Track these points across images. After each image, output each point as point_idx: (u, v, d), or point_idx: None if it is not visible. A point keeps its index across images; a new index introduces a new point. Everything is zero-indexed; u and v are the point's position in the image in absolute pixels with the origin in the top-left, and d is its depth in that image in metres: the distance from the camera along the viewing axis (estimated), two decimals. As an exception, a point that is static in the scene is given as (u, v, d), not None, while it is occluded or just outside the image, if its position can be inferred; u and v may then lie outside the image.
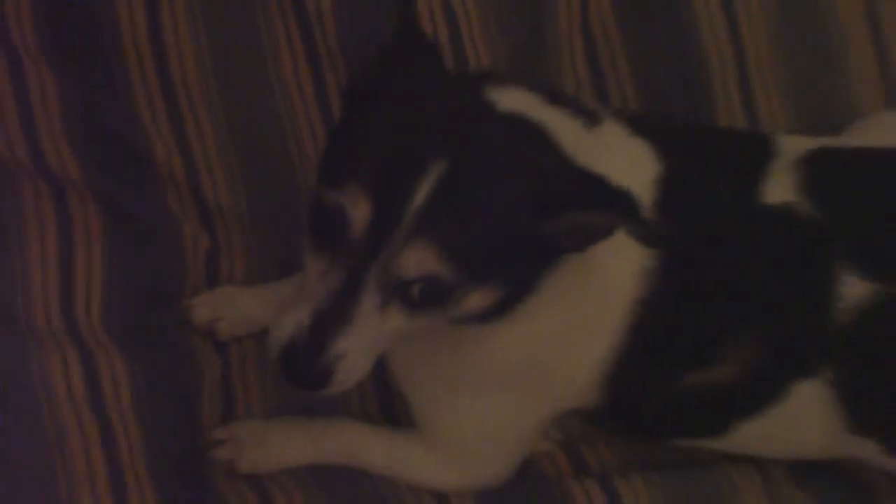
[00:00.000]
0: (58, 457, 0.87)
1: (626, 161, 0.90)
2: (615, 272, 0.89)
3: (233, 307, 1.07)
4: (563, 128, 0.86)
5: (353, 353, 0.79)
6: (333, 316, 0.77)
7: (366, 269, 0.76)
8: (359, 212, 0.75)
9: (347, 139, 0.82)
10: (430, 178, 0.75)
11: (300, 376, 0.79)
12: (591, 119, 0.90)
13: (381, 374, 1.05)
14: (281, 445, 1.00)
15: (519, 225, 0.79)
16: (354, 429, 1.03)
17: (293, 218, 0.96)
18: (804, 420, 0.99)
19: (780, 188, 0.93)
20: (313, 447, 1.01)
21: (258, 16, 1.10)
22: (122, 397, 0.94)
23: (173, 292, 1.06)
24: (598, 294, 0.90)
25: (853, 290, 0.91)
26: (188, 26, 1.08)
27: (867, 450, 1.01)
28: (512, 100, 0.86)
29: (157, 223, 1.06)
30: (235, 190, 1.10)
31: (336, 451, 1.01)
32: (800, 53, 1.21)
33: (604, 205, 0.78)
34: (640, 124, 0.94)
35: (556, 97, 0.89)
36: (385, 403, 1.07)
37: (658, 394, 0.97)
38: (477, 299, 0.82)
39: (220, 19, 1.09)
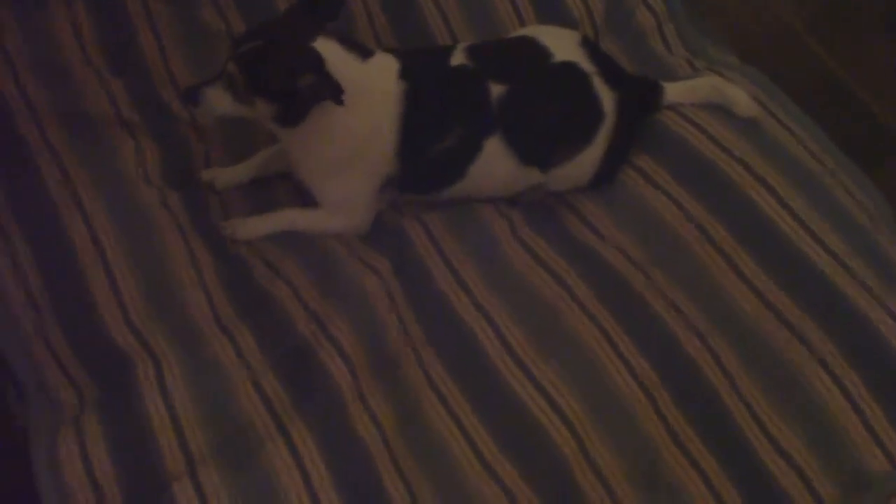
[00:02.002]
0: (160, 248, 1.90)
1: (382, 65, 1.88)
2: (389, 102, 1.87)
3: (220, 174, 2.09)
4: (340, 58, 1.78)
5: (208, 99, 1.79)
6: (206, 83, 1.79)
7: (220, 71, 1.78)
8: (225, 53, 1.79)
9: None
10: (249, 45, 1.74)
11: (183, 97, 1.85)
12: (365, 52, 1.88)
13: (301, 191, 2.09)
14: (255, 224, 1.96)
15: (282, 77, 1.74)
16: (290, 211, 2.00)
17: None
18: (498, 161, 1.94)
19: (458, 59, 1.96)
20: (272, 223, 1.97)
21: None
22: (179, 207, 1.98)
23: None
24: (384, 112, 1.88)
25: (496, 89, 1.91)
26: None
27: (536, 175, 2.01)
28: (321, 44, 1.78)
29: None
30: None
31: (283, 223, 1.97)
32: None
33: (321, 80, 1.72)
34: (393, 51, 1.96)
35: (354, 47, 1.85)
36: (303, 199, 2.04)
37: (423, 160, 1.94)
38: (262, 107, 1.78)
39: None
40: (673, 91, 2.13)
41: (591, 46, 2.06)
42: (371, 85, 1.85)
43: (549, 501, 1.67)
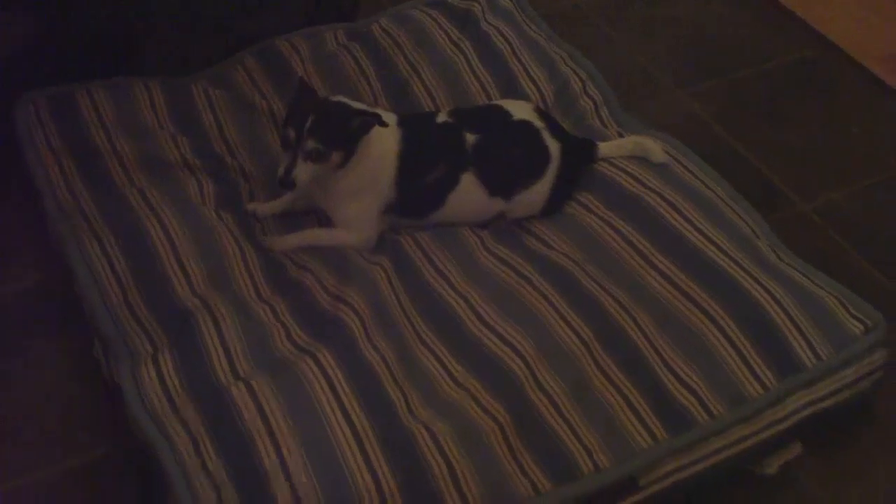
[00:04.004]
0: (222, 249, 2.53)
1: (385, 115, 2.56)
2: (390, 143, 2.59)
3: (260, 206, 2.74)
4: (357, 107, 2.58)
5: (299, 174, 2.38)
6: (290, 165, 2.43)
7: (297, 151, 2.43)
8: (290, 133, 2.45)
9: (286, 113, 2.56)
10: (310, 119, 2.40)
11: (283, 185, 2.46)
12: (369, 106, 2.66)
13: (320, 219, 2.74)
14: (288, 239, 2.59)
15: (343, 128, 2.43)
16: (314, 230, 2.63)
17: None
18: (472, 193, 2.60)
19: (442, 118, 2.68)
20: (300, 238, 2.59)
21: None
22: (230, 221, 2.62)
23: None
24: (386, 150, 2.58)
25: (470, 137, 2.61)
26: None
27: (500, 203, 2.69)
28: (339, 98, 2.57)
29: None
30: None
31: (309, 238, 2.59)
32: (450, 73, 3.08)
33: (364, 116, 2.49)
34: (394, 113, 2.73)
35: (358, 101, 2.66)
36: (323, 222, 2.72)
37: (415, 188, 2.63)
38: (336, 157, 2.42)
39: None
40: (605, 147, 2.82)
41: (541, 112, 2.77)
42: (379, 128, 2.53)
43: (506, 405, 2.21)
